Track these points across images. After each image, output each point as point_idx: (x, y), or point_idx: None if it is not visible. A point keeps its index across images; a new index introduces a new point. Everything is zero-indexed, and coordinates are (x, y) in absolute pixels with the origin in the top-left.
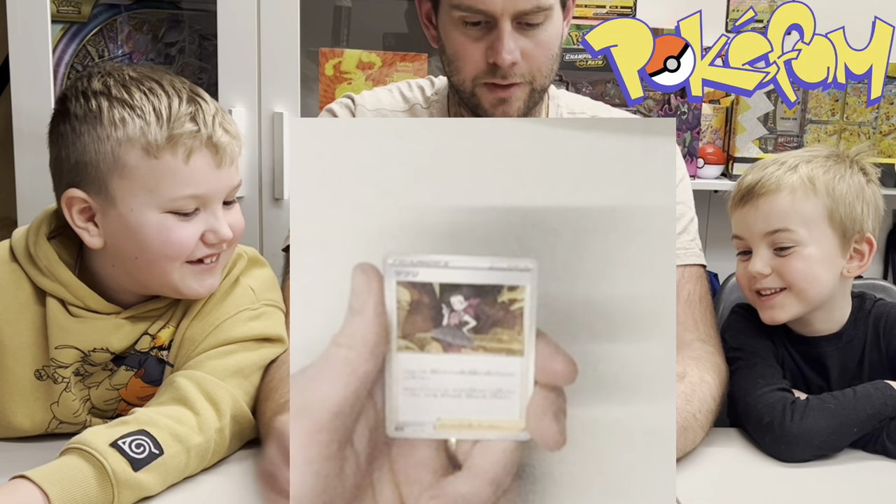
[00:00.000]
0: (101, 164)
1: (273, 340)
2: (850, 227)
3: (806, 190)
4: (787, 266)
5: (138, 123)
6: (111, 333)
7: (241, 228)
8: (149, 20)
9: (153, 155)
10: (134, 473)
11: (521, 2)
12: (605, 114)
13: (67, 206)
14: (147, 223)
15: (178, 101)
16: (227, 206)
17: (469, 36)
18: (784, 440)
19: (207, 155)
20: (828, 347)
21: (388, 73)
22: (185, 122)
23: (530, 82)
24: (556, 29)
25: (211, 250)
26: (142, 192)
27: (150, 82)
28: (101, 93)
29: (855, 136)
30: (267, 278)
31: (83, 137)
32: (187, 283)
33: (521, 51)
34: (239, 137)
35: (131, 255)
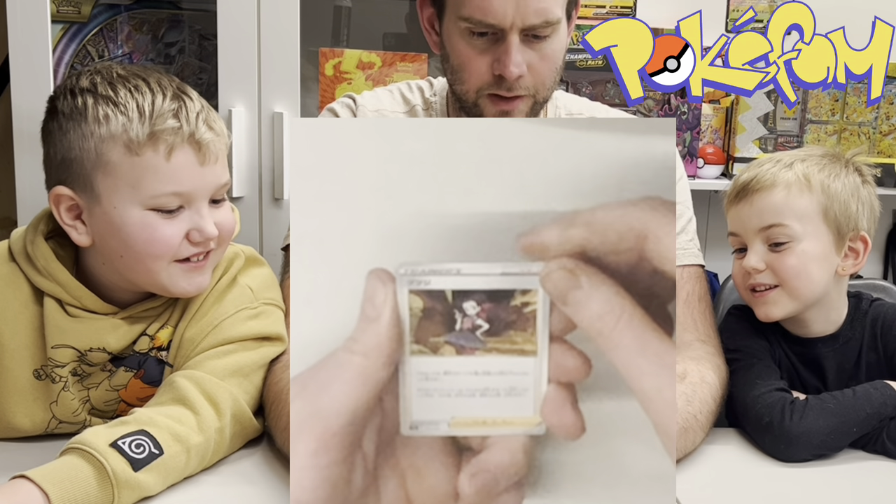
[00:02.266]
0: (86, 161)
1: (272, 339)
2: (845, 224)
3: (801, 186)
4: (780, 262)
5: (121, 120)
6: (108, 333)
7: (230, 227)
8: (149, 20)
9: (135, 152)
10: (134, 473)
11: (530, 16)
12: (604, 114)
13: (55, 203)
14: (130, 221)
15: (161, 98)
16: (215, 204)
17: (475, 47)
18: (783, 440)
19: (190, 152)
20: (824, 349)
21: (388, 73)
22: (167, 119)
23: (533, 95)
24: (562, 42)
25: (197, 249)
26: (125, 188)
27: (137, 80)
28: (88, 90)
29: (855, 136)
30: (266, 277)
31: (69, 134)
32: (176, 281)
33: (527, 64)
34: (224, 135)
35: (117, 253)
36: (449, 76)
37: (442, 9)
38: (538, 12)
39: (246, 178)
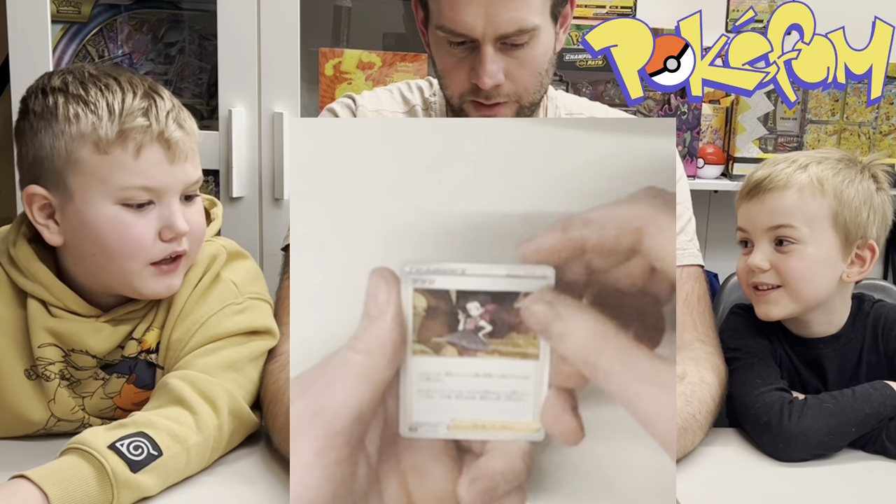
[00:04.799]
0: (57, 160)
1: (261, 333)
2: (854, 231)
3: (813, 189)
4: (785, 263)
5: (91, 119)
6: (91, 336)
7: (200, 225)
8: (149, 20)
9: (103, 150)
10: (132, 475)
11: (502, 25)
12: (603, 114)
13: (28, 202)
14: (102, 218)
15: (132, 97)
16: (187, 201)
17: (454, 56)
18: (782, 439)
19: (159, 150)
20: (825, 349)
21: (388, 73)
22: (136, 118)
23: (517, 101)
24: (543, 46)
25: (170, 246)
26: (95, 184)
27: (108, 79)
28: (59, 89)
29: (855, 136)
30: (249, 270)
31: (40, 134)
32: (146, 283)
33: (505, 71)
34: (195, 134)
35: (90, 252)
36: (437, 80)
37: (428, 14)
38: (510, 21)
39: (246, 178)
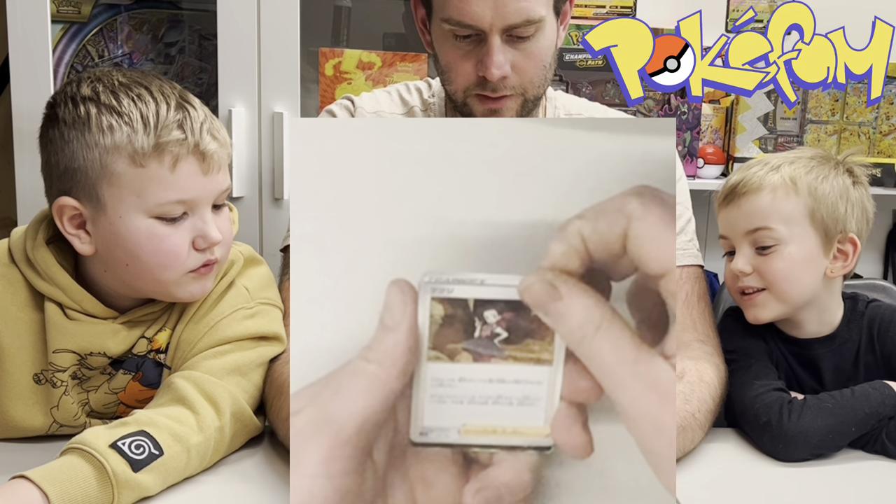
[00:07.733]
0: (90, 172)
1: (270, 339)
2: (833, 226)
3: (787, 189)
4: (767, 265)
5: (125, 130)
6: (108, 338)
7: (229, 232)
8: (149, 20)
9: (139, 163)
10: (133, 474)
11: (510, 16)
12: (602, 115)
13: (58, 214)
14: (137, 231)
15: (166, 108)
16: (216, 209)
17: (459, 49)
18: (781, 439)
19: (194, 162)
20: (821, 350)
21: (388, 74)
22: (172, 130)
23: (522, 94)
24: (548, 39)
25: (204, 256)
26: (130, 197)
27: (139, 88)
28: (90, 98)
29: (855, 136)
30: (263, 276)
31: (72, 144)
32: (183, 288)
33: (511, 64)
34: (227, 144)
35: (122, 262)
36: (440, 76)
37: (430, 10)
38: (518, 11)
39: (246, 178)
